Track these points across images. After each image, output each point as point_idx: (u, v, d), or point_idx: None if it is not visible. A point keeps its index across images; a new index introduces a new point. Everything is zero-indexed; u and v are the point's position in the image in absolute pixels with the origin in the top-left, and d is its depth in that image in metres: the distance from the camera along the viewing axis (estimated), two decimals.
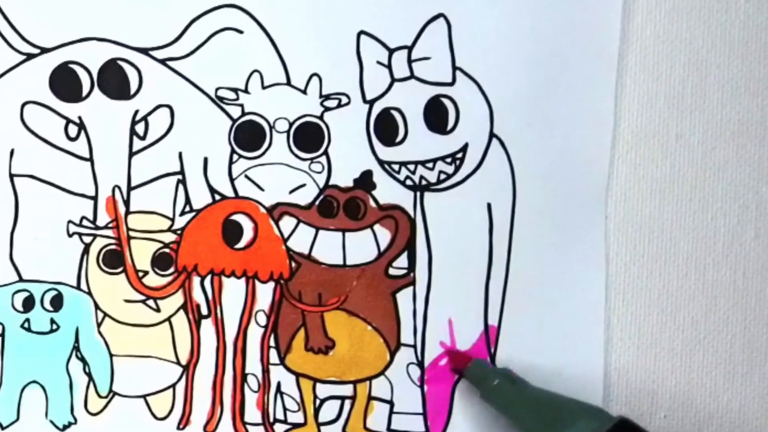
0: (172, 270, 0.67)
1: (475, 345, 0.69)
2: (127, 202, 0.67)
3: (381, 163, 0.68)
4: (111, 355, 0.67)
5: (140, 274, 0.67)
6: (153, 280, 0.67)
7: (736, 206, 0.70)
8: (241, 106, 0.67)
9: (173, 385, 0.68)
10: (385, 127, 0.68)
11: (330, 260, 0.68)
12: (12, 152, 0.66)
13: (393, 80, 0.68)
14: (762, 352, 0.70)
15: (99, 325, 0.67)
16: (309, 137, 0.67)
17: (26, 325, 0.66)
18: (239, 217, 0.67)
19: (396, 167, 0.68)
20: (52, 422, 0.67)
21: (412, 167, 0.68)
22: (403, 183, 0.68)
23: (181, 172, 0.67)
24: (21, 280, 0.66)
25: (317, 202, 0.68)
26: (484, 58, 0.68)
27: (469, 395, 0.69)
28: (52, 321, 0.66)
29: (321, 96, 0.67)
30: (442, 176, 0.68)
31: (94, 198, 0.67)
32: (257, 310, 0.68)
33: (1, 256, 0.66)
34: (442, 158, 0.68)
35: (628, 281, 0.70)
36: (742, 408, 0.71)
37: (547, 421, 0.63)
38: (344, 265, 0.68)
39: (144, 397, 0.67)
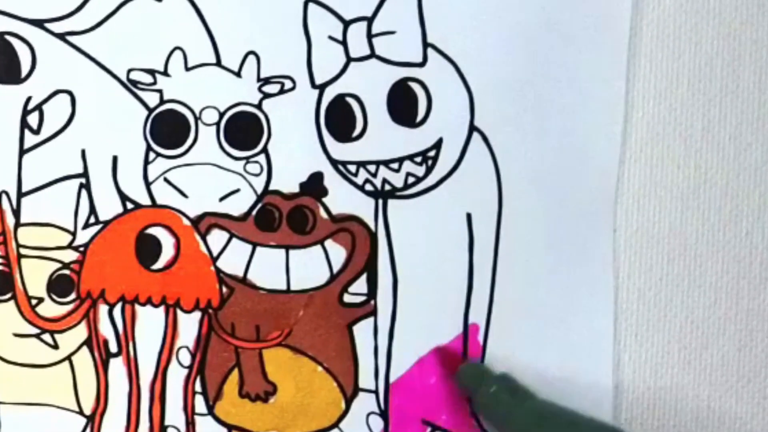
0: (73, 296, 0.65)
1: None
2: (16, 212, 0.65)
3: (334, 163, 0.66)
4: None
5: (33, 301, 0.65)
6: (49, 308, 0.65)
7: None
8: (160, 92, 0.65)
9: None
10: (340, 119, 0.66)
11: (270, 284, 0.66)
12: None
13: (349, 60, 0.65)
14: None
15: None
16: (244, 131, 0.65)
17: None
18: (157, 231, 0.65)
19: (353, 168, 0.66)
20: None
21: (372, 168, 0.66)
22: (361, 188, 0.66)
23: (85, 174, 0.65)
24: None
25: (254, 212, 0.66)
26: (463, 33, 0.66)
27: None
28: None
29: (259, 80, 0.65)
30: (411, 179, 0.66)
31: None
32: (179, 346, 0.66)
33: None
34: (410, 157, 0.66)
35: (641, 311, 0.68)
36: None
37: None
38: (288, 290, 0.66)
39: None
